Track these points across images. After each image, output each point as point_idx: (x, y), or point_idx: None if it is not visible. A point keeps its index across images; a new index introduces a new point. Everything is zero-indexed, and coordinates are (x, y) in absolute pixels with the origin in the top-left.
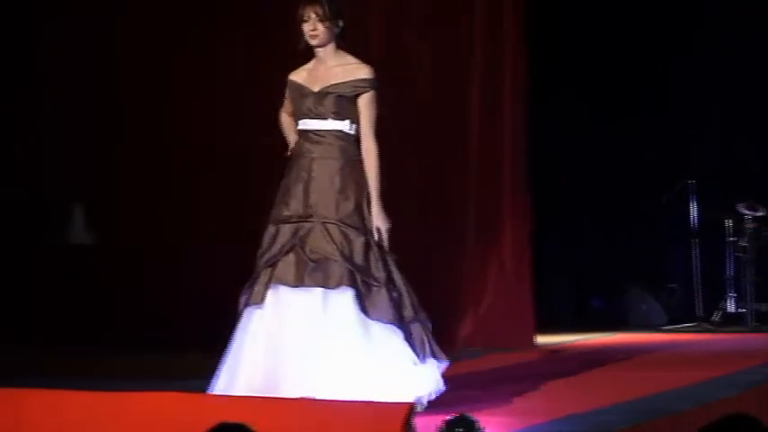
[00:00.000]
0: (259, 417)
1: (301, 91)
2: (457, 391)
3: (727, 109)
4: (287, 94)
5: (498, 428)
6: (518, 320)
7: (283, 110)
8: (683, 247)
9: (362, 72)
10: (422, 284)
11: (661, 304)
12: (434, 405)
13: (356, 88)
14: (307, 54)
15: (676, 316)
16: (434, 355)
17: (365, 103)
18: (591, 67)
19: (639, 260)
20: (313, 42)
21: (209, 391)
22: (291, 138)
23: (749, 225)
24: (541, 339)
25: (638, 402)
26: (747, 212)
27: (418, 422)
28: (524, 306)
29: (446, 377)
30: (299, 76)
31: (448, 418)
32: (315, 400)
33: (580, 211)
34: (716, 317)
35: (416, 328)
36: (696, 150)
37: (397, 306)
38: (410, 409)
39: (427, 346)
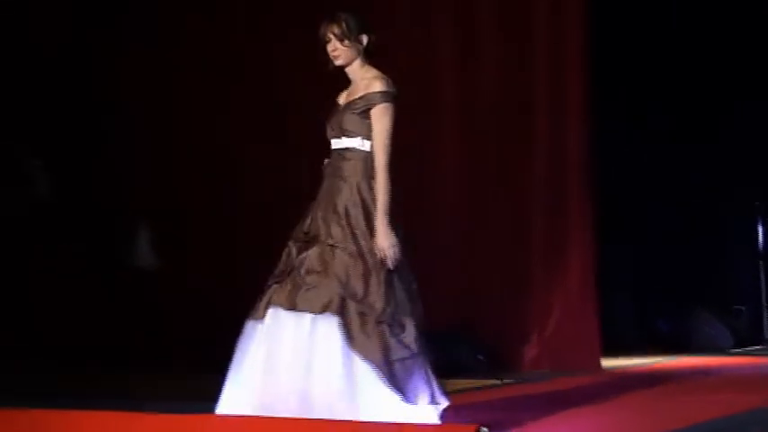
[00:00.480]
0: None
1: (333, 111)
2: (522, 412)
3: None
4: None
5: None
6: (584, 344)
7: None
8: (749, 268)
9: (376, 85)
10: (489, 307)
11: (727, 326)
12: (500, 427)
13: (368, 102)
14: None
15: (744, 338)
16: (432, 396)
17: (375, 117)
18: (653, 92)
19: (705, 282)
20: (337, 63)
21: (216, 409)
22: None
23: None
24: (607, 362)
25: (706, 425)
26: None
27: None
28: (590, 329)
29: (513, 399)
30: (341, 97)
31: None
32: (378, 422)
33: (645, 232)
34: None
35: (413, 365)
36: (763, 171)
37: (389, 342)
38: None
39: (423, 385)
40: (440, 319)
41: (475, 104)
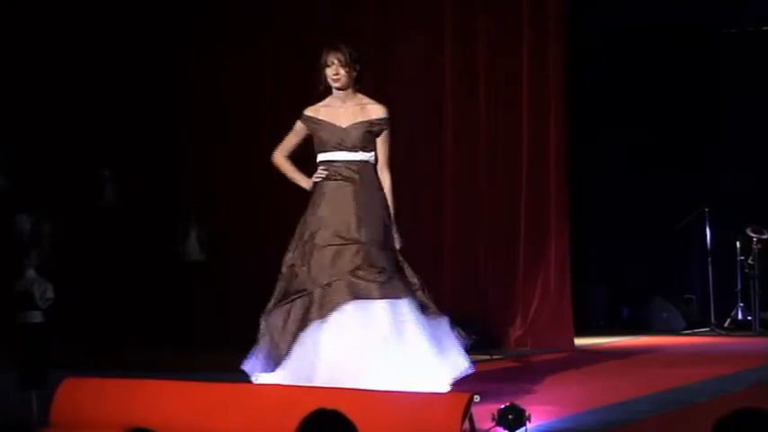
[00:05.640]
0: (340, 404)
1: (324, 126)
2: (508, 383)
3: (737, 148)
4: (299, 127)
5: (543, 416)
6: (560, 325)
7: (281, 148)
8: (699, 264)
9: (382, 111)
10: (483, 296)
11: (680, 312)
12: (490, 394)
13: (380, 126)
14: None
15: (693, 322)
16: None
17: (383, 139)
18: (625, 110)
19: (663, 274)
20: (335, 85)
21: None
22: (292, 173)
23: (755, 246)
24: (579, 341)
25: (663, 394)
26: (754, 235)
27: (475, 410)
28: (565, 313)
29: (501, 371)
30: (317, 112)
31: (500, 407)
32: (388, 391)
33: (614, 233)
34: (727, 323)
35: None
36: (711, 182)
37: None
38: (469, 399)
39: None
40: (442, 306)
41: (472, 131)
